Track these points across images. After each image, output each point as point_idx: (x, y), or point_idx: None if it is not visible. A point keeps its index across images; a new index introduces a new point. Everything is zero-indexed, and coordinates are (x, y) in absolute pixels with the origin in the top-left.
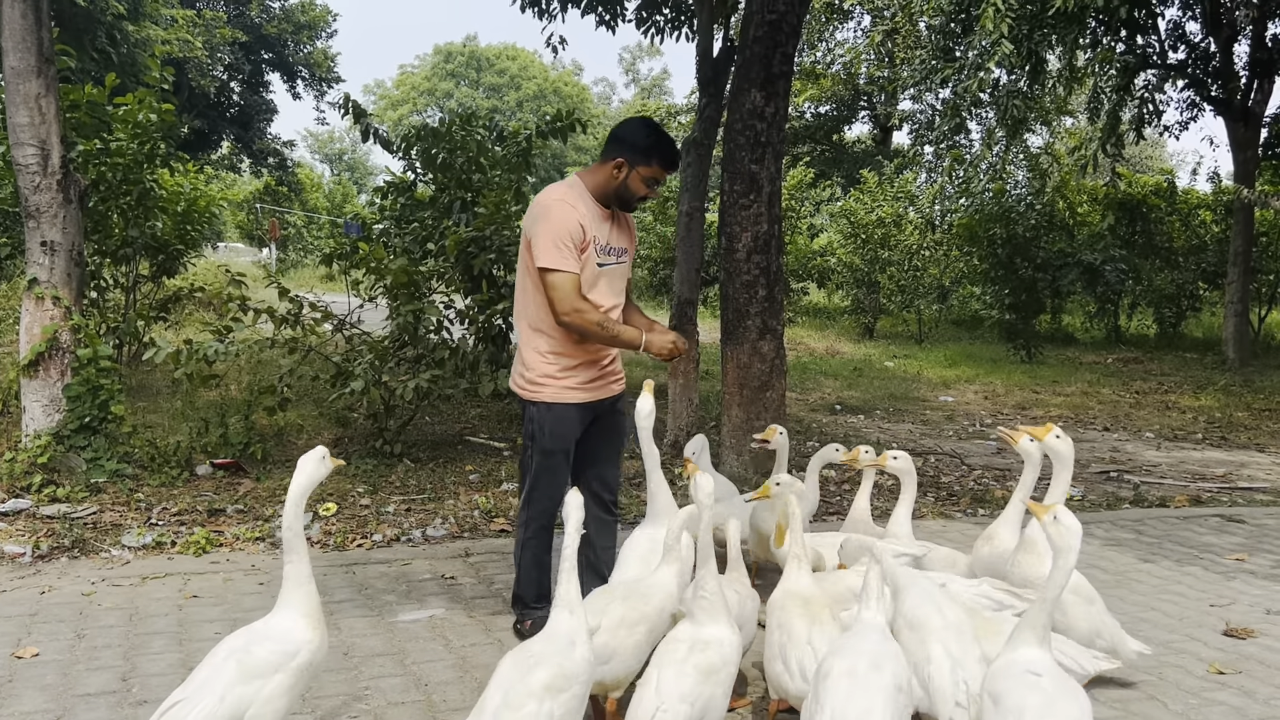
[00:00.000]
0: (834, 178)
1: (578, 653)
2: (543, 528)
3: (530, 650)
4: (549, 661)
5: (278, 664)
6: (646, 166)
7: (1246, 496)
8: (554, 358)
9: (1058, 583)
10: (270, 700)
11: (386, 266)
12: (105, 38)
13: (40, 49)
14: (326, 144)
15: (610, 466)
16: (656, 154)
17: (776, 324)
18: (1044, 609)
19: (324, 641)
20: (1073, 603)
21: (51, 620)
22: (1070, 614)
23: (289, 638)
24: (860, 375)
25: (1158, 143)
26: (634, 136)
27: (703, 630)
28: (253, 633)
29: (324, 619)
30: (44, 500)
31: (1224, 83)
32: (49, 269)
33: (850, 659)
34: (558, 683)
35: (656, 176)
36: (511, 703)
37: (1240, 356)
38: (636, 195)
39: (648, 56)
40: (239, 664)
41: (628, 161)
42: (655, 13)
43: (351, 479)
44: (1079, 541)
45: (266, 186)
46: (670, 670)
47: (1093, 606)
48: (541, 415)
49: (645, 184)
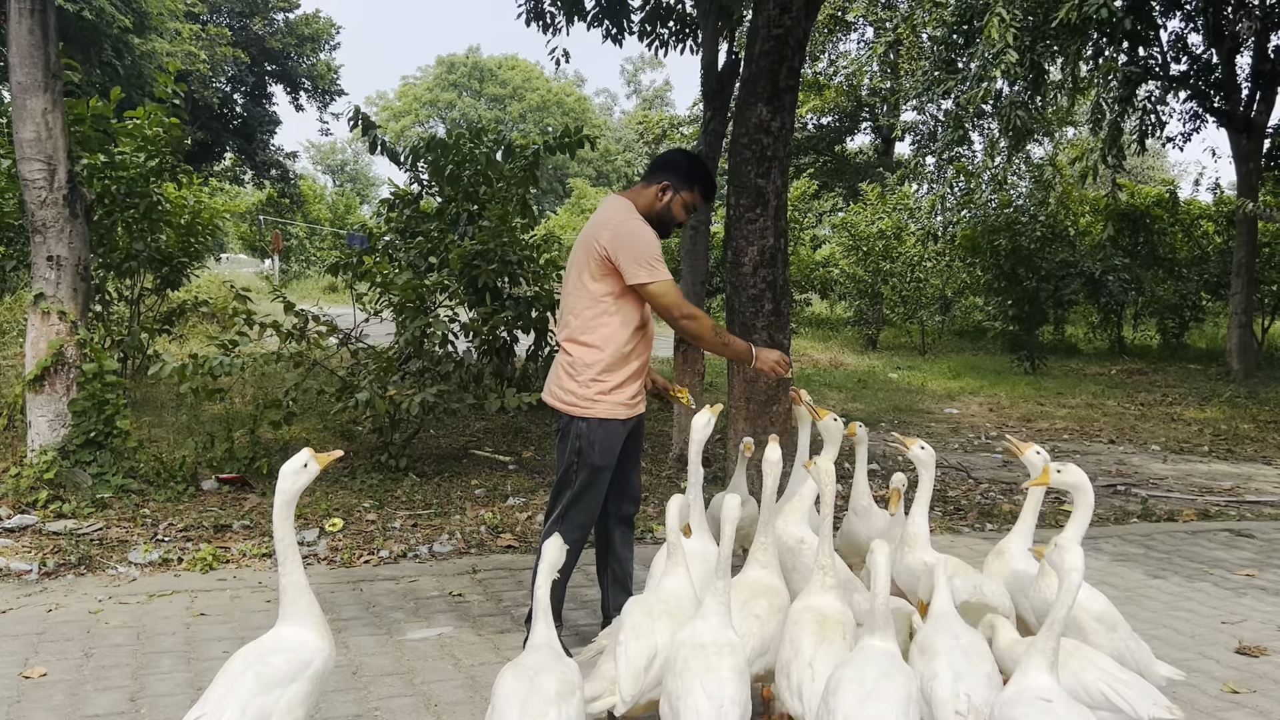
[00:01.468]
0: (836, 189)
1: (570, 661)
2: (576, 541)
3: (525, 663)
4: (551, 670)
5: (294, 673)
6: (689, 192)
7: (1255, 510)
8: (607, 374)
9: (1064, 604)
10: (290, 709)
11: (393, 280)
12: (111, 51)
13: (47, 64)
14: (329, 155)
15: (634, 478)
16: (699, 181)
17: (783, 338)
18: (1052, 635)
19: (333, 649)
20: (1094, 630)
21: (59, 639)
22: (1092, 642)
23: (303, 647)
24: (864, 387)
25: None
26: (680, 163)
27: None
28: (264, 645)
29: (328, 627)
30: (50, 516)
31: (1226, 94)
32: (55, 284)
33: (860, 668)
34: (565, 689)
35: (696, 203)
36: (531, 712)
37: (1245, 368)
38: (676, 220)
39: (650, 68)
40: (257, 675)
41: (673, 186)
42: (660, 25)
43: (357, 494)
44: (1082, 573)
45: (269, 198)
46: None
47: (1115, 633)
48: (593, 431)
49: (685, 210)
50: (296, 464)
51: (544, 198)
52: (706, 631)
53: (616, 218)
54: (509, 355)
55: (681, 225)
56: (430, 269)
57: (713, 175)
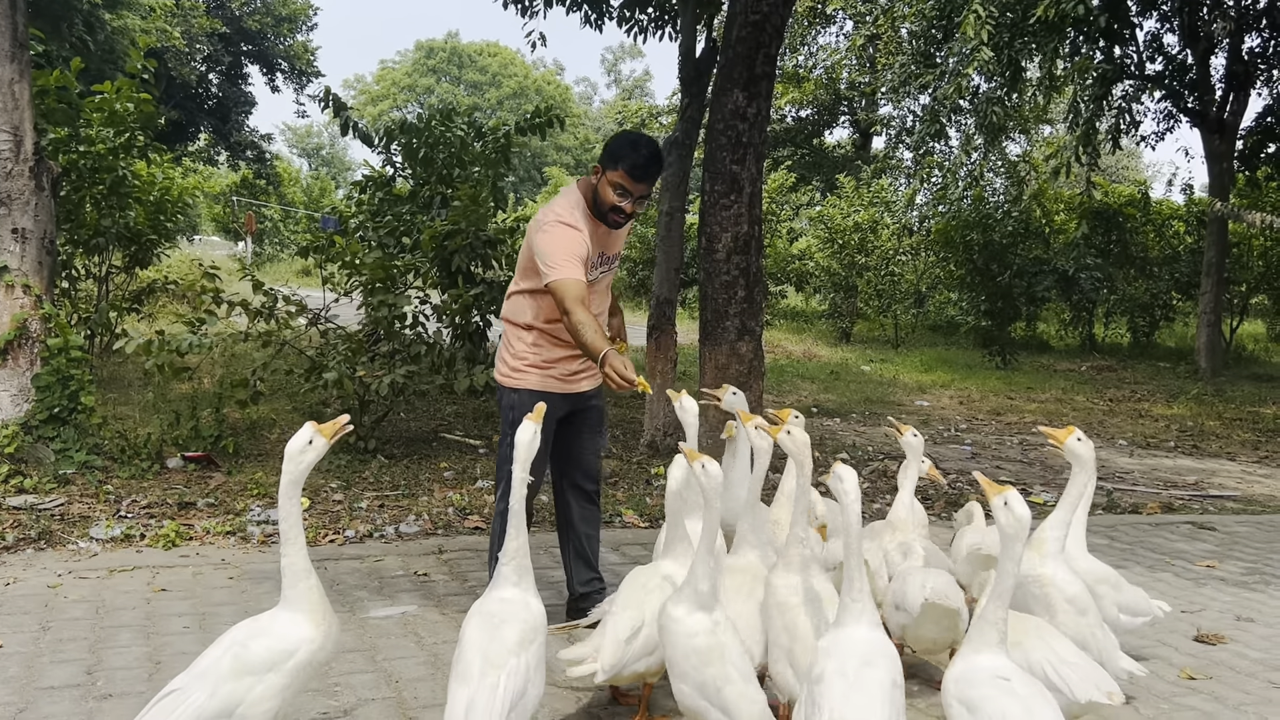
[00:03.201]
0: (814, 182)
1: (533, 606)
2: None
3: (490, 611)
4: (515, 618)
5: (272, 663)
6: (614, 171)
7: (1217, 504)
8: (537, 349)
9: (1008, 573)
10: (260, 701)
11: (362, 260)
12: (82, 25)
13: (14, 34)
14: (304, 138)
15: (591, 457)
16: (623, 160)
17: (755, 325)
18: (999, 606)
19: (329, 637)
20: (1064, 610)
21: (16, 612)
22: (1060, 621)
23: (288, 635)
24: (837, 379)
25: (1135, 153)
26: (610, 142)
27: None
28: (255, 627)
29: (330, 612)
30: (10, 491)
31: (1200, 95)
32: (20, 256)
33: (840, 659)
34: (527, 635)
35: (624, 184)
36: (493, 660)
37: (1212, 366)
38: (607, 203)
39: (630, 57)
40: (234, 659)
41: (602, 166)
42: (639, 11)
43: (324, 474)
44: (1027, 531)
45: (244, 180)
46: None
47: (1085, 618)
48: (522, 401)
49: (615, 192)
50: (301, 441)
51: (521, 185)
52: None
53: (543, 218)
54: (482, 339)
55: (625, 213)
56: (402, 249)
57: (648, 157)
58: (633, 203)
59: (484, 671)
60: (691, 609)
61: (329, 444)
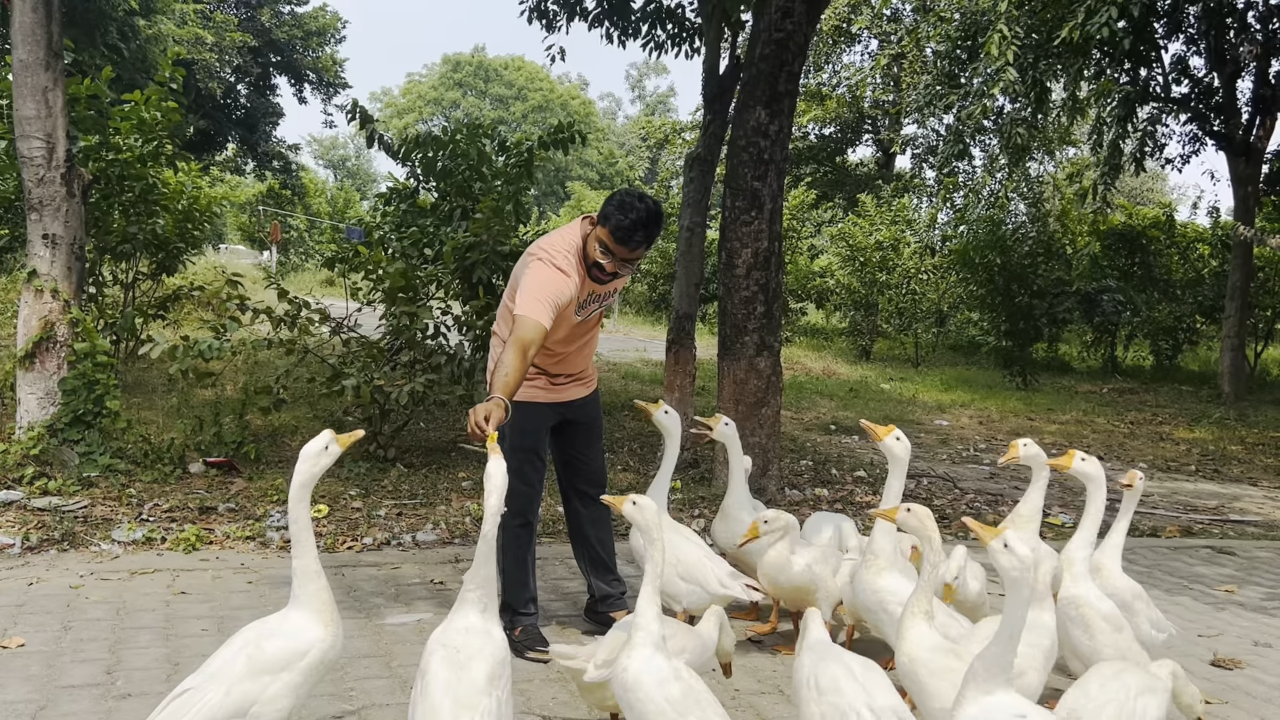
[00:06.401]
0: (836, 200)
1: (497, 637)
2: (520, 527)
3: (455, 645)
4: (481, 654)
5: (286, 662)
6: (603, 228)
7: (1238, 529)
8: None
9: (1017, 618)
10: (275, 699)
11: (385, 270)
12: (116, 33)
13: (49, 43)
14: (330, 149)
15: (595, 461)
16: (609, 220)
17: (774, 341)
18: (1008, 647)
19: (337, 638)
20: (1101, 629)
21: (39, 612)
22: (1098, 640)
23: (300, 636)
24: (856, 396)
25: (1160, 176)
26: (610, 196)
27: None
28: (266, 627)
29: (337, 614)
30: (35, 492)
31: (1226, 118)
32: (49, 261)
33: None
34: (495, 670)
35: (607, 244)
36: (465, 702)
37: (1235, 390)
38: (590, 257)
39: (654, 73)
40: (249, 659)
41: (595, 220)
42: (658, 28)
43: (344, 481)
44: (1033, 571)
45: (270, 190)
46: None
47: (1120, 635)
48: (512, 413)
49: (599, 249)
50: (318, 446)
51: (545, 200)
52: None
53: (538, 250)
54: None
55: (607, 271)
56: (424, 260)
57: (637, 223)
58: (614, 263)
59: (455, 714)
60: (650, 654)
61: (342, 452)
